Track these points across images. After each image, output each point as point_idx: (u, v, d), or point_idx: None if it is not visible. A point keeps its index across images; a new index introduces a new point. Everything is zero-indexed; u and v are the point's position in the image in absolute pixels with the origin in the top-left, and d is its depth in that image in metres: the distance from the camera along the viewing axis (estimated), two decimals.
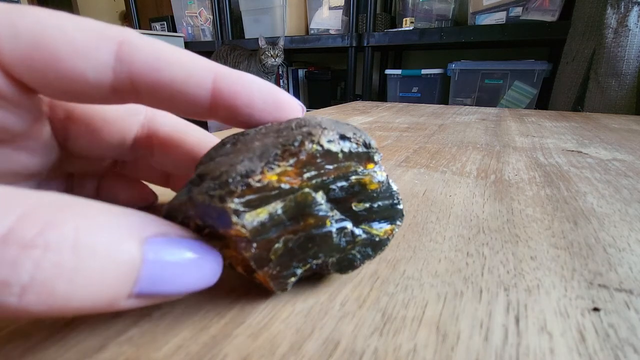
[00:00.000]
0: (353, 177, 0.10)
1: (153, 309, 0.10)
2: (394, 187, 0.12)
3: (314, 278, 0.12)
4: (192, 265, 0.08)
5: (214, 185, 0.09)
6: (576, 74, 0.91)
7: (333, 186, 0.10)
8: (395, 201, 0.12)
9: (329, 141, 0.10)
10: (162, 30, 2.10)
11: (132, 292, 0.07)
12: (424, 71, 1.37)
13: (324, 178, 0.10)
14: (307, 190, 0.10)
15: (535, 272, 0.13)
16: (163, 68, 0.10)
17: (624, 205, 0.19)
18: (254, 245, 0.09)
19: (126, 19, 2.76)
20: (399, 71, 1.42)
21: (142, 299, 0.08)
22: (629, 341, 0.10)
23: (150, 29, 2.13)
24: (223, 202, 0.09)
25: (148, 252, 0.07)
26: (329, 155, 0.10)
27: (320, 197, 0.10)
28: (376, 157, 0.11)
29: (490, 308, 0.11)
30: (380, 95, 1.73)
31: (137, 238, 0.07)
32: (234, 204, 0.09)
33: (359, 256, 0.11)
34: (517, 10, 1.14)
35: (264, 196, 0.09)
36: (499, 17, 1.17)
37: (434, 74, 1.36)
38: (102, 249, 0.07)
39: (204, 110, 0.11)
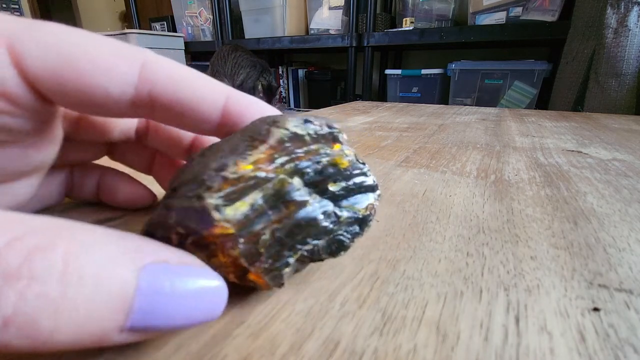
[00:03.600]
0: (324, 159, 0.11)
1: None
2: (363, 163, 0.12)
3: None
4: (192, 296, 0.07)
5: (191, 188, 0.09)
6: (576, 74, 0.91)
7: (307, 169, 0.10)
8: (367, 176, 0.12)
9: (295, 125, 0.10)
10: (162, 30, 2.09)
11: (124, 326, 0.07)
12: (424, 71, 1.37)
13: (297, 163, 0.10)
14: (282, 176, 0.09)
15: (535, 272, 0.13)
16: (182, 88, 0.10)
17: (624, 205, 0.19)
18: (241, 240, 0.09)
19: (126, 19, 2.76)
20: (399, 71, 1.42)
21: (137, 333, 0.07)
22: (629, 341, 0.10)
23: (150, 29, 2.13)
24: (202, 200, 0.09)
25: (142, 281, 0.07)
26: (296, 139, 0.10)
27: (297, 182, 0.10)
28: (341, 137, 0.11)
29: (490, 308, 0.11)
30: (380, 95, 1.73)
31: (132, 265, 0.07)
32: (214, 199, 0.09)
33: (348, 236, 0.11)
34: (517, 10, 1.14)
35: (242, 188, 0.09)
36: (499, 17, 1.17)
37: (434, 74, 1.35)
38: (91, 278, 0.06)
39: (211, 127, 0.11)
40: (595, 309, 0.11)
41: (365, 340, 0.09)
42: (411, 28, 1.33)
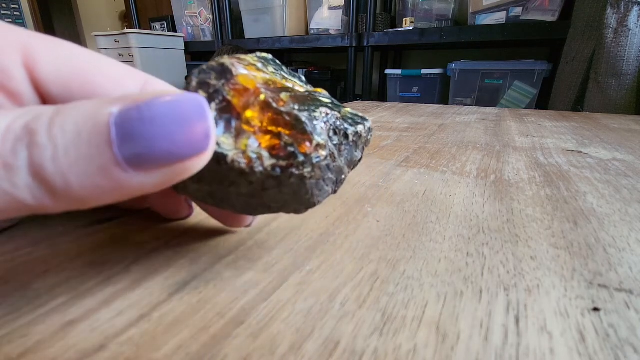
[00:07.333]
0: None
1: (152, 310, 0.10)
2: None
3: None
4: (165, 114, 0.07)
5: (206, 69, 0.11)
6: (576, 74, 0.91)
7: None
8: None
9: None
10: (162, 30, 2.09)
11: (117, 158, 0.07)
12: (424, 71, 1.37)
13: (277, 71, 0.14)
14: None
15: (535, 272, 0.13)
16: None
17: (624, 205, 0.19)
18: (262, 89, 0.11)
19: (126, 19, 2.76)
20: (399, 71, 1.42)
21: (139, 167, 0.07)
22: (629, 341, 0.10)
23: (150, 29, 2.13)
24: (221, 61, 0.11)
25: (115, 115, 0.07)
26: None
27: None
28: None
29: (490, 308, 0.11)
30: (380, 95, 1.73)
31: (106, 110, 0.07)
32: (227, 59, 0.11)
33: (358, 121, 0.13)
34: (517, 10, 1.14)
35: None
36: (499, 17, 1.18)
37: (434, 74, 1.36)
38: (72, 126, 0.07)
39: None
40: (595, 309, 0.11)
41: (365, 340, 0.09)
42: (411, 28, 1.33)
